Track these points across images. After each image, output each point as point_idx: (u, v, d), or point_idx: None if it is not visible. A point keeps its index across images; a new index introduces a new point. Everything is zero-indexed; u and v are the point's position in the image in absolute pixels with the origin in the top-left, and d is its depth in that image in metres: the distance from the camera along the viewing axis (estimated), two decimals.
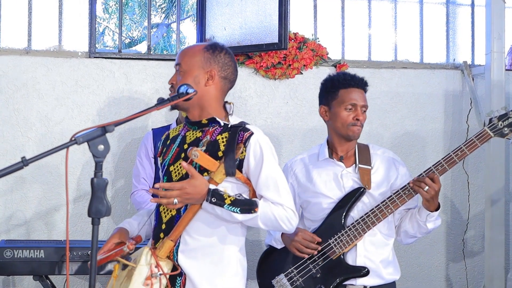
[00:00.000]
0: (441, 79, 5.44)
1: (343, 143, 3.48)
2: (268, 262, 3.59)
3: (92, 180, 2.20)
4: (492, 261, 5.17)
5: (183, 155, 2.89)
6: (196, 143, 2.88)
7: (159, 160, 3.06)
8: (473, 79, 5.43)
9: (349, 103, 3.42)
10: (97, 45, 5.10)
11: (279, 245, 3.52)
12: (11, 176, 4.69)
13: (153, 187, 4.42)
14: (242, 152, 2.81)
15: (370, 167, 3.45)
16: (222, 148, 2.81)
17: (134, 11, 16.35)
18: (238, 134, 2.84)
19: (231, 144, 2.81)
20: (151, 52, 5.21)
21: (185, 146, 2.91)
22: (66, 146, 2.18)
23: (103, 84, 4.93)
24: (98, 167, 2.21)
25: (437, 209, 3.38)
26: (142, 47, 15.89)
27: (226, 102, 3.01)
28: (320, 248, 3.39)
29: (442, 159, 3.38)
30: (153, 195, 3.85)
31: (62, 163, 4.80)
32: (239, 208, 2.76)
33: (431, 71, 5.45)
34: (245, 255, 2.98)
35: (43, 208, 4.83)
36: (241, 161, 2.82)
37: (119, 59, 5.02)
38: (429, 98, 5.41)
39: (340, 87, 3.47)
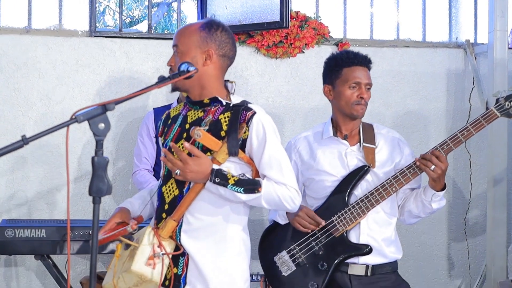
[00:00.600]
0: (443, 58, 5.41)
1: (348, 122, 3.46)
2: (271, 239, 3.59)
3: (92, 158, 2.19)
4: (494, 240, 5.16)
5: (185, 135, 2.87)
6: (198, 122, 2.86)
7: (161, 140, 3.05)
8: (475, 58, 5.40)
9: (353, 81, 3.40)
10: (97, 24, 5.08)
11: (283, 220, 3.52)
12: (12, 156, 4.68)
13: (155, 165, 4.41)
14: (245, 132, 2.80)
15: (374, 146, 3.44)
16: (224, 127, 2.80)
17: None
18: (241, 114, 2.82)
19: (233, 124, 2.80)
20: (152, 31, 5.18)
21: (187, 126, 2.89)
22: (66, 124, 2.17)
23: (104, 63, 4.91)
24: (99, 145, 2.20)
25: (443, 189, 3.37)
26: (142, 26, 15.81)
27: (228, 80, 2.98)
28: (323, 223, 3.38)
29: (448, 138, 3.35)
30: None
31: (63, 142, 4.79)
32: (242, 188, 2.75)
33: (433, 50, 5.41)
34: (248, 234, 2.98)
35: (44, 187, 4.83)
36: (244, 141, 2.81)
37: (119, 38, 4.99)
38: (431, 77, 5.38)
39: (343, 66, 3.45)
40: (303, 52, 5.14)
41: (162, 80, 2.61)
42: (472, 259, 5.44)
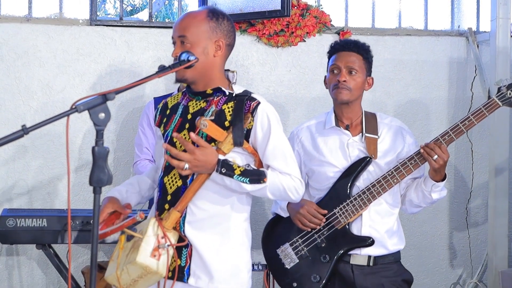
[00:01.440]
0: (445, 46, 5.39)
1: (343, 109, 3.45)
2: (274, 231, 3.60)
3: (93, 148, 2.19)
4: (496, 230, 5.16)
5: (187, 125, 2.86)
6: (201, 113, 2.85)
7: (160, 130, 3.02)
8: (478, 46, 5.37)
9: (333, 65, 3.43)
10: (98, 13, 5.05)
11: (284, 214, 3.52)
12: (13, 145, 4.68)
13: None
14: (250, 122, 2.80)
15: (376, 136, 3.43)
16: (228, 117, 2.79)
17: None
18: (245, 104, 2.82)
19: (238, 114, 2.79)
20: (153, 20, 5.16)
21: (189, 117, 2.87)
22: (66, 114, 2.16)
23: (105, 52, 4.90)
24: (99, 135, 2.19)
25: (443, 180, 3.37)
26: (143, 15, 15.77)
27: (229, 70, 2.97)
28: (324, 222, 3.39)
29: (449, 128, 3.35)
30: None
31: (64, 132, 4.77)
32: (248, 179, 2.75)
33: (435, 38, 5.39)
34: (249, 224, 2.98)
35: (45, 177, 4.82)
36: (249, 131, 2.81)
37: (120, 26, 4.97)
38: (433, 66, 5.36)
39: (332, 53, 3.49)
40: (305, 41, 5.12)
41: (162, 70, 2.60)
42: (473, 248, 5.44)
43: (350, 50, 3.43)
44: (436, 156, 3.25)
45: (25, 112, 4.79)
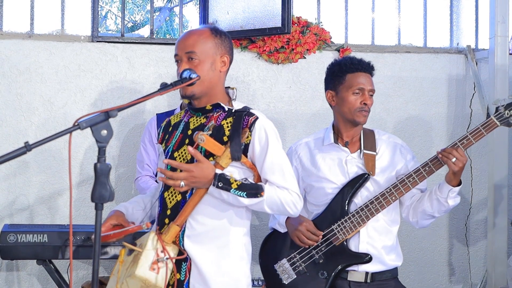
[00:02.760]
0: (444, 64, 5.43)
1: (349, 128, 3.47)
2: (271, 246, 3.60)
3: (95, 165, 2.21)
4: (495, 246, 5.16)
5: (187, 141, 2.89)
6: (200, 128, 2.88)
7: (161, 146, 3.05)
8: (476, 64, 5.41)
9: (357, 87, 3.41)
10: (99, 29, 5.08)
11: (282, 229, 3.52)
12: (14, 161, 4.67)
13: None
14: (247, 137, 2.82)
15: (375, 153, 3.44)
16: (227, 133, 2.82)
17: None
18: (243, 119, 2.84)
19: (236, 129, 2.81)
20: (154, 36, 5.20)
21: (189, 132, 2.91)
22: (69, 131, 2.18)
23: (106, 69, 4.93)
24: (101, 152, 2.21)
25: (458, 185, 3.35)
26: (144, 31, 15.84)
27: (229, 87, 3.00)
28: (321, 239, 3.39)
29: (447, 147, 3.34)
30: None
31: (65, 147, 4.81)
32: (245, 193, 2.76)
33: (434, 55, 5.43)
34: (249, 239, 2.99)
35: (46, 192, 4.83)
36: (247, 146, 2.83)
37: (121, 43, 5.01)
38: (432, 83, 5.39)
39: (347, 72, 3.45)
40: (305, 58, 5.15)
41: (164, 87, 2.62)
42: (472, 264, 5.44)
43: (368, 71, 3.47)
44: (454, 159, 3.24)
45: (26, 128, 4.81)
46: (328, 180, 3.45)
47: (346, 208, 3.39)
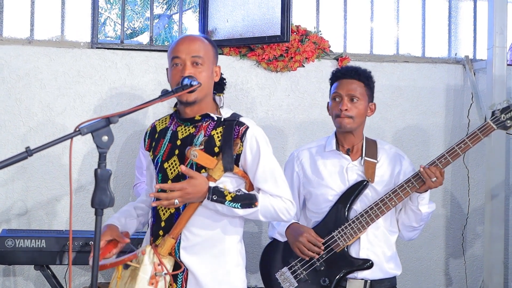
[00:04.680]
0: (442, 74, 5.44)
1: (344, 136, 3.48)
2: (271, 255, 3.60)
3: (96, 171, 2.21)
4: (491, 256, 5.18)
5: (177, 151, 2.88)
6: (190, 139, 2.87)
7: (149, 154, 3.04)
8: (474, 74, 5.43)
9: (335, 93, 3.45)
10: (99, 36, 5.09)
11: (282, 238, 3.52)
12: (12, 166, 4.66)
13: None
14: (239, 148, 2.82)
15: (376, 161, 3.46)
16: (218, 143, 2.82)
17: (136, 1, 16.32)
18: (234, 129, 2.84)
19: (227, 140, 2.81)
20: (153, 43, 5.21)
21: (178, 143, 2.89)
22: (70, 136, 2.18)
23: (105, 75, 4.93)
24: (102, 158, 2.22)
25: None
26: (143, 38, 15.87)
27: (215, 93, 3.01)
28: (323, 251, 3.39)
29: (445, 151, 3.39)
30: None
31: (64, 153, 4.81)
32: (239, 204, 2.78)
33: (432, 65, 5.44)
34: (243, 245, 3.01)
35: (44, 197, 4.83)
36: (238, 156, 2.84)
37: (121, 49, 5.01)
38: (430, 92, 5.41)
39: (333, 80, 3.51)
40: (304, 66, 5.16)
41: (165, 94, 2.63)
42: (469, 274, 5.45)
43: (351, 77, 3.45)
44: (435, 178, 3.28)
45: (25, 133, 4.81)
46: (328, 187, 3.46)
47: (346, 214, 3.39)
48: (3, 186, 4.80)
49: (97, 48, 4.98)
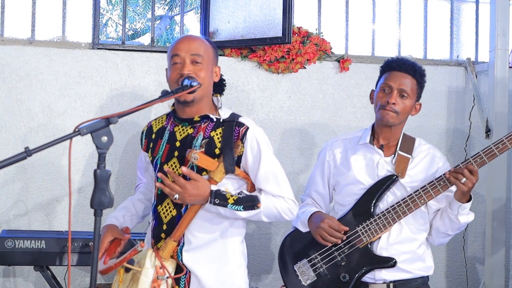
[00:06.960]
0: (444, 76, 5.43)
1: (383, 129, 3.35)
2: (291, 246, 3.49)
3: (95, 171, 2.21)
4: (493, 259, 5.16)
5: (176, 153, 2.88)
6: (189, 140, 2.86)
7: (147, 155, 3.03)
8: (476, 76, 5.42)
9: (385, 84, 3.31)
10: (100, 37, 5.09)
11: (304, 228, 3.41)
12: (12, 166, 4.64)
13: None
14: (240, 149, 2.82)
15: (409, 156, 3.32)
16: (218, 145, 2.81)
17: (137, 2, 16.34)
18: (234, 130, 2.84)
19: (228, 142, 2.81)
20: (154, 44, 5.21)
21: (177, 144, 2.89)
22: (69, 137, 2.17)
23: (106, 76, 4.93)
24: (101, 158, 2.21)
25: (468, 201, 3.27)
26: (145, 39, 15.89)
27: (213, 94, 3.00)
28: (345, 237, 3.29)
29: (481, 151, 3.25)
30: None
31: (64, 153, 4.80)
32: (242, 206, 2.77)
33: (434, 68, 5.43)
34: (245, 245, 3.02)
35: (44, 198, 4.83)
36: (239, 157, 2.84)
37: (122, 50, 5.01)
38: (432, 95, 5.40)
39: (386, 70, 3.38)
40: (305, 68, 5.15)
41: (165, 95, 2.62)
42: (470, 277, 5.44)
43: (406, 72, 3.33)
44: (464, 179, 3.15)
45: (25, 134, 4.81)
46: (357, 180, 3.34)
47: (372, 210, 3.27)
48: (3, 186, 4.79)
49: (98, 49, 4.98)
